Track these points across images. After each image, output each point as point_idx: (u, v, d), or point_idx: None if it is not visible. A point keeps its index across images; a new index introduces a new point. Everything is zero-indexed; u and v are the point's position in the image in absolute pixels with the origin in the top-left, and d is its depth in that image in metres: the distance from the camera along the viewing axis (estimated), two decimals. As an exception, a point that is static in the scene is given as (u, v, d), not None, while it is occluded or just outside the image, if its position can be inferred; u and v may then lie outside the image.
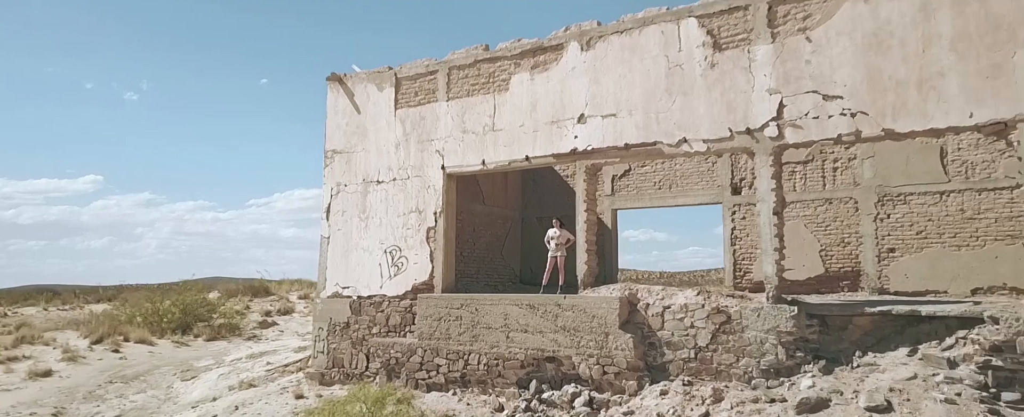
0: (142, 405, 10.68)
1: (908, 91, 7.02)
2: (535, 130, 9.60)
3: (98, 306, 22.87)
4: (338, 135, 11.58)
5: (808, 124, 7.61)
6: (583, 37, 9.32)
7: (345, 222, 11.27)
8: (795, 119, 7.68)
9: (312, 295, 23.95)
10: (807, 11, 7.69)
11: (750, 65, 7.98)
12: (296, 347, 14.79)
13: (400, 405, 8.38)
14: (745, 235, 12.75)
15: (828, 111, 7.47)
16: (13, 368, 11.80)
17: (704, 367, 8.07)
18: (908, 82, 7.04)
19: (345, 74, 11.64)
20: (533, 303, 9.17)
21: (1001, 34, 6.58)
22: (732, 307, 8.07)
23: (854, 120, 7.34)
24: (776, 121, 7.79)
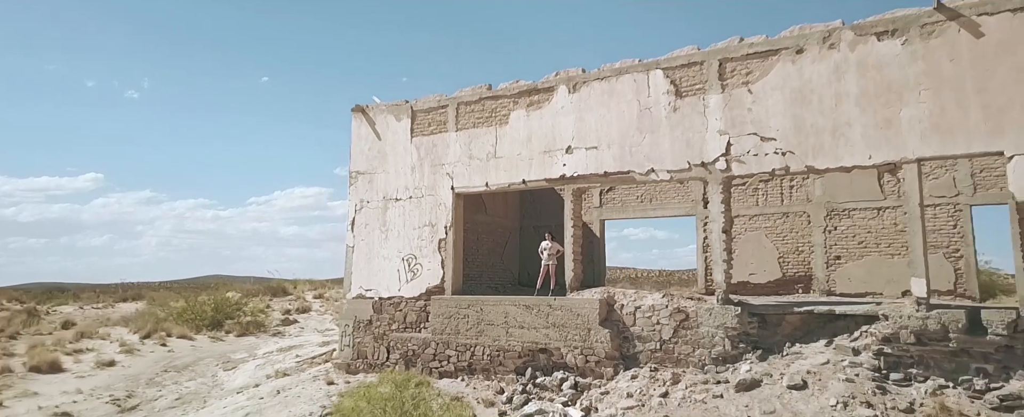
0: (194, 390, 12.52)
1: (824, 136, 8.86)
2: (530, 158, 11.43)
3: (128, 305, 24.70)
4: (361, 158, 13.41)
5: (749, 160, 9.44)
6: (570, 81, 11.15)
7: (368, 234, 13.10)
8: (739, 156, 9.51)
9: (326, 294, 25.83)
10: (749, 68, 9.52)
11: (704, 110, 9.81)
12: (319, 342, 16.64)
13: (418, 388, 10.19)
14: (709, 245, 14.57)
15: (764, 150, 9.30)
16: (81, 359, 13.65)
17: (667, 356, 9.90)
18: (824, 129, 8.87)
19: (367, 105, 13.47)
20: (529, 304, 11.01)
21: (891, 95, 8.40)
22: (690, 307, 9.91)
23: (784, 158, 9.17)
24: (725, 157, 9.61)
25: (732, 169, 9.58)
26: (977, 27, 7.93)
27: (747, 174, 9.56)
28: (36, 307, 21.35)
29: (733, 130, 9.56)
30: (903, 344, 8.25)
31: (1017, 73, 7.68)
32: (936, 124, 8.14)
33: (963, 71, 7.98)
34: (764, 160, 9.32)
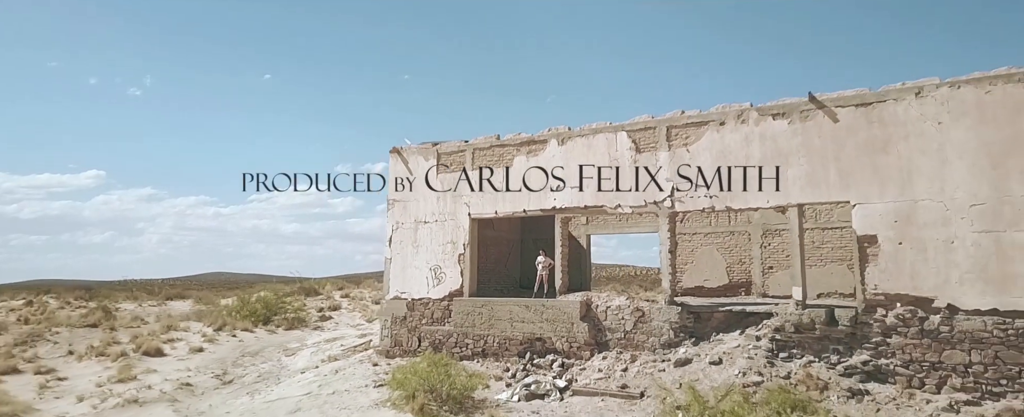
0: (268, 370, 16.13)
1: (737, 186, 12.45)
2: (529, 193, 15.02)
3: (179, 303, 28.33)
4: (396, 190, 17.01)
5: (686, 200, 13.04)
6: (559, 136, 14.74)
7: (402, 248, 16.71)
8: (680, 197, 13.11)
9: (352, 294, 29.44)
10: (687, 134, 13.11)
11: (656, 162, 13.41)
12: (356, 334, 20.26)
13: (446, 366, 13.78)
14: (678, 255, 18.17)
15: (698, 194, 12.90)
16: (175, 346, 17.27)
17: (629, 342, 13.51)
18: (738, 180, 12.46)
19: (401, 147, 17.06)
20: (527, 304, 14.61)
21: (780, 158, 11.99)
22: (645, 307, 13.52)
23: (711, 200, 12.77)
24: (670, 197, 13.21)
25: (675, 207, 13.18)
26: (834, 114, 11.53)
27: (685, 210, 13.16)
28: (108, 304, 24.96)
29: (676, 178, 13.15)
30: (787, 333, 11.85)
31: (858, 149, 11.27)
32: (808, 180, 11.74)
33: (825, 144, 11.58)
34: (698, 200, 12.92)
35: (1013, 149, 10.05)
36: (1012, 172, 10.03)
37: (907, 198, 10.83)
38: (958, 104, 10.53)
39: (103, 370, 15.14)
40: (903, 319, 10.75)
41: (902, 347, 10.68)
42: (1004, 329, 9.92)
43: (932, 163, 10.67)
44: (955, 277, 10.36)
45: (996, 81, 10.24)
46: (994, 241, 10.08)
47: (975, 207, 10.28)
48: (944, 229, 10.48)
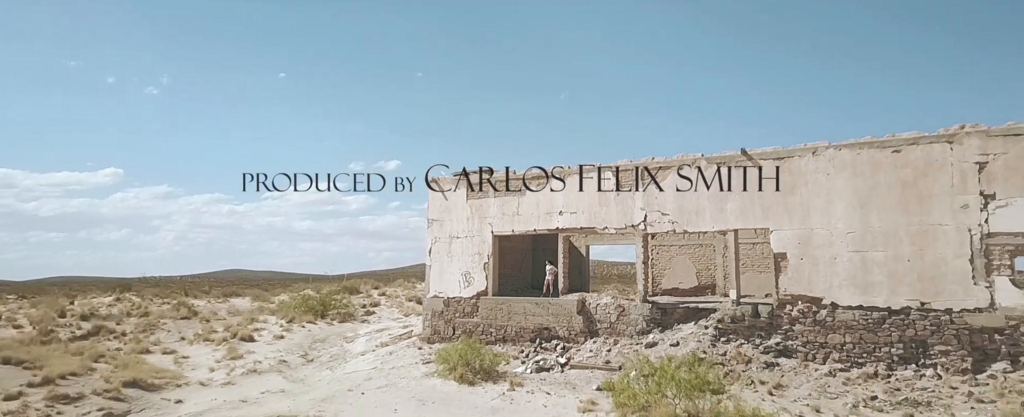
0: (336, 353, 20.78)
1: (692, 214, 16.89)
2: (538, 216, 19.54)
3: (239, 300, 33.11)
4: (435, 210, 21.60)
5: (655, 224, 17.50)
6: (562, 173, 19.25)
7: (439, 258, 21.30)
8: (651, 222, 17.57)
9: (388, 292, 34.11)
10: (661, 176, 17.57)
11: (633, 197, 17.87)
12: (399, 326, 24.88)
13: (476, 348, 18.32)
14: (655, 264, 22.67)
15: (664, 220, 17.36)
16: (261, 335, 21.99)
17: (613, 330, 17.99)
18: (692, 211, 16.90)
19: (438, 177, 21.63)
20: (537, 302, 19.13)
21: (719, 198, 16.43)
22: (625, 304, 18.00)
23: (673, 224, 17.22)
24: (643, 223, 17.68)
25: (648, 230, 17.67)
26: (760, 165, 15.95)
27: (655, 232, 17.64)
28: (186, 300, 29.77)
29: (648, 208, 17.63)
30: (726, 323, 16.29)
31: (776, 191, 15.68)
32: (741, 212, 16.17)
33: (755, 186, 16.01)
34: (663, 225, 17.39)
35: (873, 194, 14.44)
36: (872, 211, 14.42)
37: (806, 227, 15.25)
38: (839, 161, 14.93)
39: (212, 351, 19.86)
40: (802, 313, 15.18)
41: (801, 332, 15.11)
42: (866, 319, 14.33)
43: (822, 203, 15.08)
44: (836, 283, 14.77)
45: (863, 146, 14.63)
46: (861, 258, 14.49)
47: (849, 234, 14.68)
48: (829, 249, 14.90)
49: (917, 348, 13.71)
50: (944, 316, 13.51)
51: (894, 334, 13.99)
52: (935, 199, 13.74)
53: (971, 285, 13.27)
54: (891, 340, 14.03)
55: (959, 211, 13.48)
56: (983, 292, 13.15)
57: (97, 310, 25.76)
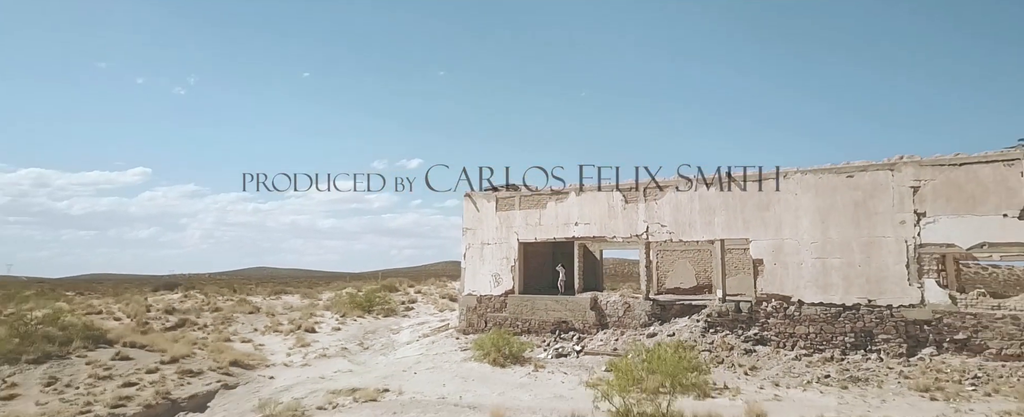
0: (386, 342, 24.41)
1: (685, 226, 20.18)
2: (557, 226, 22.95)
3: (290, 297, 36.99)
4: (469, 220, 25.11)
5: (656, 235, 20.82)
6: (577, 190, 22.63)
7: (473, 261, 24.81)
8: (652, 232, 20.89)
9: (424, 290, 37.78)
10: (660, 194, 20.88)
11: (637, 210, 21.20)
12: (437, 320, 28.47)
13: (506, 337, 21.78)
14: (659, 266, 25.95)
15: (662, 231, 20.67)
16: (320, 327, 25.72)
17: (620, 323, 21.35)
18: (686, 223, 20.19)
19: (472, 192, 25.13)
20: (557, 299, 22.55)
21: (711, 211, 19.69)
22: (630, 301, 21.35)
23: (670, 234, 20.53)
24: (646, 232, 21.01)
25: (649, 239, 20.99)
26: (740, 185, 19.18)
27: (656, 241, 20.96)
28: (247, 297, 33.70)
29: (649, 220, 20.94)
30: (714, 317, 19.56)
31: (753, 207, 18.90)
32: (726, 224, 19.42)
33: (735, 203, 19.25)
34: (662, 235, 20.70)
35: (831, 211, 17.61)
36: (830, 225, 17.60)
37: (778, 238, 18.47)
38: (805, 184, 18.12)
39: (283, 340, 23.61)
40: (775, 308, 18.42)
41: (774, 324, 18.34)
42: (825, 313, 17.52)
43: (792, 218, 18.29)
44: (802, 284, 17.98)
45: (824, 172, 17.81)
46: (822, 264, 17.68)
47: (813, 244, 17.88)
48: (797, 256, 18.10)
49: (865, 337, 16.89)
50: (886, 311, 16.67)
51: (847, 325, 17.18)
52: (879, 216, 16.88)
53: (907, 286, 16.41)
54: (845, 330, 17.21)
55: (898, 226, 16.61)
56: (916, 291, 16.29)
57: (171, 306, 29.76)
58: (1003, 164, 15.30)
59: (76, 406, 14.27)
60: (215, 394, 16.09)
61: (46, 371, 16.18)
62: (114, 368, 16.71)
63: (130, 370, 16.74)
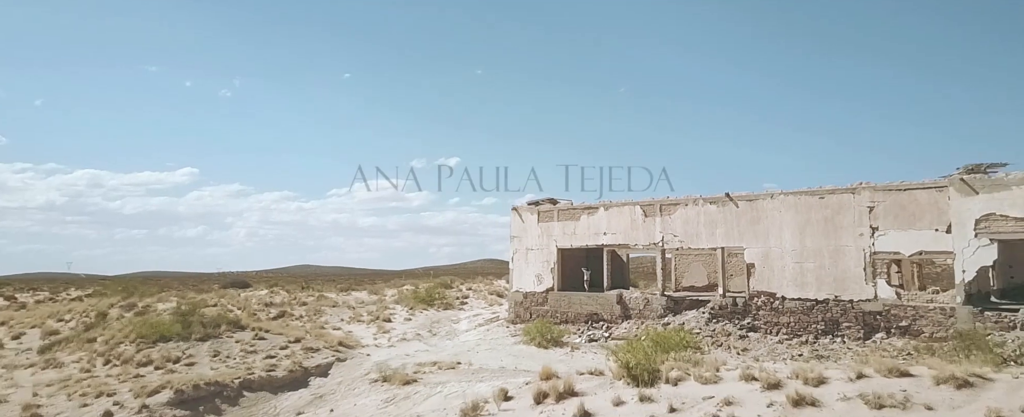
0: (449, 330, 29.72)
1: (693, 236, 24.92)
2: (589, 235, 27.91)
3: (360, 293, 42.75)
4: (515, 230, 30.26)
5: (669, 243, 25.61)
6: (606, 206, 27.55)
7: (519, 264, 29.95)
8: (667, 241, 25.69)
9: (474, 287, 43.13)
10: (672, 209, 25.66)
11: (655, 222, 26.02)
12: (488, 312, 33.70)
13: (548, 326, 26.80)
14: (676, 267, 30.67)
15: (675, 240, 25.46)
16: (394, 318, 31.19)
17: (641, 315, 26.21)
18: (694, 234, 24.92)
19: (518, 206, 30.27)
20: (589, 295, 27.51)
21: (714, 224, 24.38)
22: (649, 297, 26.19)
23: (681, 243, 25.31)
24: (661, 241, 25.81)
25: (664, 246, 25.79)
26: (737, 204, 23.84)
27: (672, 248, 25.75)
28: (324, 293, 39.51)
29: (664, 230, 25.73)
30: (716, 309, 24.25)
31: (747, 221, 23.54)
32: (726, 235, 24.10)
33: (732, 218, 23.91)
34: (675, 244, 25.48)
35: (807, 225, 22.16)
36: (806, 236, 22.14)
37: (766, 246, 23.08)
38: (788, 204, 22.69)
39: (366, 328, 29.12)
40: (764, 302, 23.04)
41: (763, 315, 22.97)
42: (802, 306, 22.08)
43: (776, 230, 22.88)
44: (784, 283, 22.56)
45: (801, 193, 22.36)
46: (800, 267, 22.24)
47: (793, 251, 22.45)
48: (780, 261, 22.69)
49: (832, 324, 21.43)
50: (848, 304, 21.19)
51: (819, 316, 21.74)
52: (843, 229, 21.39)
53: (864, 284, 20.90)
54: (817, 320, 21.78)
55: (857, 237, 21.10)
56: (870, 289, 20.77)
57: (264, 300, 35.69)
58: (935, 190, 19.70)
59: (239, 370, 19.87)
60: (332, 365, 21.56)
61: (210, 347, 21.93)
62: (256, 346, 22.38)
63: (267, 347, 22.38)
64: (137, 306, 32.29)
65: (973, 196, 18.91)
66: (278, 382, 19.55)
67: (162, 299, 36.30)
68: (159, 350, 21.49)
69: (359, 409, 15.97)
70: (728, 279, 25.75)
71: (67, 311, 33.36)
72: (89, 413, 16.96)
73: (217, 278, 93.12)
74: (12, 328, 30.52)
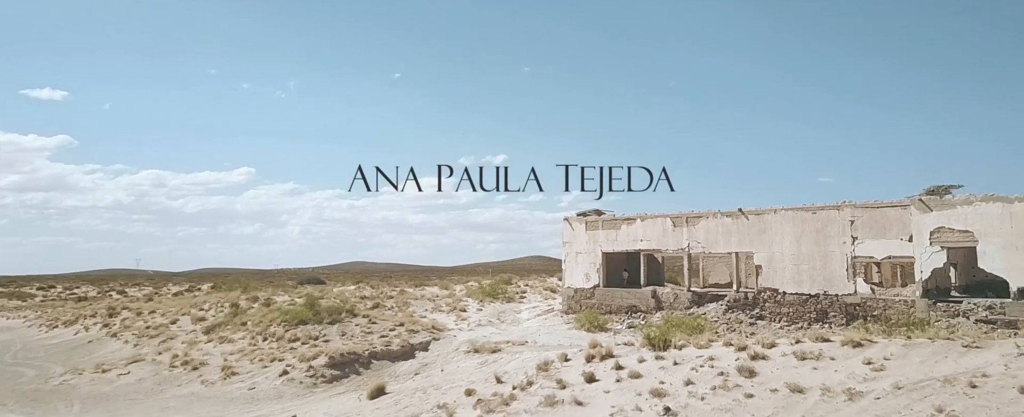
0: (514, 319, 36.26)
1: (713, 243, 30.74)
2: (628, 241, 34.00)
3: (430, 288, 49.81)
4: (567, 236, 36.58)
5: (694, 248, 31.49)
6: (642, 217, 33.58)
7: (570, 264, 36.26)
8: (692, 246, 31.58)
9: (532, 284, 49.66)
10: (696, 221, 31.53)
11: (682, 231, 31.94)
12: (545, 305, 40.11)
13: (596, 315, 32.98)
14: (703, 267, 36.45)
15: (698, 246, 31.34)
16: (468, 308, 37.91)
17: (672, 306, 32.14)
18: (713, 241, 30.72)
19: (569, 216, 36.58)
20: (629, 291, 33.61)
21: (730, 233, 30.14)
22: (678, 292, 32.12)
23: (703, 248, 31.17)
24: (687, 247, 31.71)
25: (689, 251, 31.69)
26: (747, 217, 29.55)
27: (696, 253, 31.64)
28: (404, 289, 46.63)
29: (690, 239, 31.62)
30: (732, 302, 30.01)
31: (756, 231, 29.25)
32: (739, 242, 29.84)
33: (745, 228, 29.63)
34: (699, 249, 31.35)
35: (802, 235, 27.74)
36: (802, 243, 27.73)
37: (771, 251, 28.74)
38: (787, 217, 28.29)
39: (446, 316, 35.91)
40: (769, 296, 28.72)
41: (769, 307, 28.65)
42: (799, 299, 27.69)
43: (779, 239, 28.51)
44: (785, 281, 28.20)
45: (799, 209, 27.94)
46: (797, 268, 27.85)
47: (792, 255, 28.06)
48: (782, 263, 28.33)
49: (822, 313, 27.00)
50: (834, 297, 26.72)
51: (812, 307, 27.33)
52: (831, 238, 26.91)
53: (846, 282, 26.39)
54: (810, 310, 27.36)
55: (842, 244, 26.59)
56: (851, 285, 26.25)
57: (356, 294, 42.99)
58: (900, 208, 25.09)
59: (364, 345, 26.81)
60: (429, 343, 28.32)
61: (337, 328, 29.03)
62: (371, 328, 29.38)
63: (380, 329, 29.34)
64: (259, 299, 40.07)
65: (929, 213, 24.26)
66: (393, 354, 26.43)
67: (274, 294, 44.17)
68: (301, 330, 28.71)
69: (462, 369, 22.61)
70: (747, 277, 31.44)
71: (203, 303, 41.59)
72: (270, 371, 24.16)
73: (294, 275, 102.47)
74: (165, 316, 38.85)
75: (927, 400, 12.49)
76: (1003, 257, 22.48)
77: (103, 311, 46.86)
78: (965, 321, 22.81)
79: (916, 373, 14.17)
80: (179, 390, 23.43)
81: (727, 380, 15.03)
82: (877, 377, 14.26)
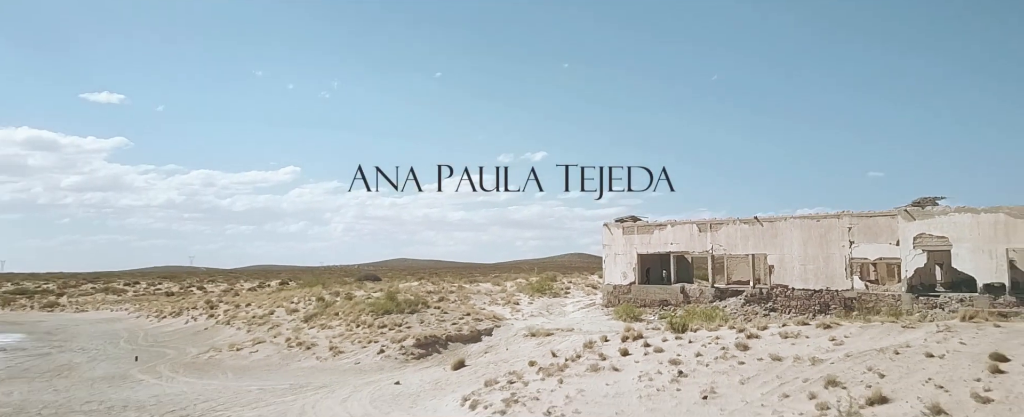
0: (560, 311, 41.86)
1: (732, 246, 35.78)
2: (659, 244, 39.24)
3: (483, 284, 55.75)
4: (606, 239, 42.00)
5: (717, 250, 36.57)
6: (672, 223, 38.79)
7: (609, 264, 41.67)
8: (714, 249, 36.68)
9: (574, 281, 55.20)
10: (718, 227, 36.61)
11: (708, 235, 37.05)
12: (587, 299, 45.59)
13: (633, 308, 38.32)
14: (726, 266, 41.42)
15: (720, 248, 36.42)
16: (520, 301, 43.66)
17: (698, 301, 37.28)
18: (732, 244, 35.75)
19: (608, 223, 42.00)
20: (661, 287, 38.87)
21: (746, 237, 35.13)
22: (703, 288, 37.25)
23: (725, 251, 36.24)
24: (710, 249, 36.82)
25: (712, 253, 36.79)
26: (761, 224, 34.50)
27: (719, 255, 36.74)
28: (462, 284, 52.64)
29: (713, 242, 36.71)
30: (749, 296, 35.01)
31: (769, 235, 34.18)
32: (755, 245, 34.82)
33: (759, 233, 34.59)
34: (721, 251, 36.43)
35: (808, 239, 32.59)
36: (808, 247, 32.58)
37: (782, 253, 33.67)
38: (796, 224, 33.16)
39: (502, 308, 41.73)
40: (780, 292, 33.66)
41: (780, 301, 33.60)
42: (805, 294, 32.57)
43: (788, 242, 33.42)
44: (794, 278, 33.10)
45: (806, 217, 32.79)
46: (804, 267, 32.73)
47: (799, 257, 32.94)
48: (791, 263, 33.23)
49: (825, 306, 31.84)
50: (835, 293, 31.53)
51: (816, 301, 32.19)
52: (832, 242, 31.71)
53: (845, 279, 31.19)
54: (815, 304, 32.23)
55: (841, 248, 31.38)
56: (849, 282, 31.04)
57: (420, 288, 49.22)
58: (889, 217, 29.79)
59: (441, 330, 32.79)
60: (492, 329, 34.16)
61: (416, 317, 35.14)
62: (444, 317, 35.39)
63: (451, 318, 35.33)
64: (341, 294, 46.66)
65: (912, 221, 28.93)
66: (464, 338, 32.37)
67: (352, 288, 50.80)
68: (387, 319, 34.92)
69: (522, 348, 28.36)
70: (765, 275, 36.35)
71: (292, 296, 48.48)
72: (369, 350, 30.36)
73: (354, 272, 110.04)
74: (260, 308, 45.79)
75: (864, 363, 17.68)
76: (972, 259, 27.08)
77: (203, 304, 54.49)
78: (941, 312, 27.48)
79: (864, 346, 19.34)
80: (300, 364, 29.79)
81: (726, 352, 20.37)
82: (836, 349, 19.46)
